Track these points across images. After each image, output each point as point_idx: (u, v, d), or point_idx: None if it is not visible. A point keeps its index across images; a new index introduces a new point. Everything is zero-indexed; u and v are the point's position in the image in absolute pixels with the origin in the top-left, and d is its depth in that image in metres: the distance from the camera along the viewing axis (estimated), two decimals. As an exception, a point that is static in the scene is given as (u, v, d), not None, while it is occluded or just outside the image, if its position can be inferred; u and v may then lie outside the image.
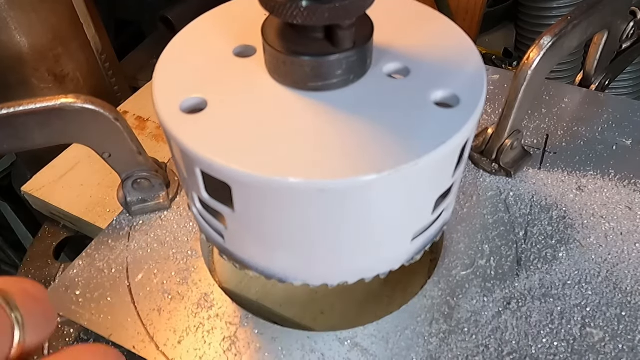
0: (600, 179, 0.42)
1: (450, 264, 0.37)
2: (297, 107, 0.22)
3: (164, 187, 0.41)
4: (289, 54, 0.21)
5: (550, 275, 0.36)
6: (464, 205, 0.40)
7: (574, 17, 0.38)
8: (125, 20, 0.96)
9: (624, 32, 0.46)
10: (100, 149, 0.36)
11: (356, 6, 0.20)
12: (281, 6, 0.20)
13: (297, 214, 0.21)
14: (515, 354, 0.32)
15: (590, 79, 0.50)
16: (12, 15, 0.55)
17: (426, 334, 0.33)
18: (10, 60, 0.58)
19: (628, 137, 0.45)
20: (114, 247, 0.39)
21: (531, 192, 0.41)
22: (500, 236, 0.38)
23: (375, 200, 0.21)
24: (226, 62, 0.24)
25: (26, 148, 0.34)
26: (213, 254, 0.41)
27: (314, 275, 0.26)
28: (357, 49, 0.22)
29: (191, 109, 0.22)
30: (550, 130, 0.46)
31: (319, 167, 0.20)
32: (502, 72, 0.53)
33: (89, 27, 0.64)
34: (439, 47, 0.25)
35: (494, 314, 0.34)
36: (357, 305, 0.39)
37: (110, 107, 0.34)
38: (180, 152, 0.22)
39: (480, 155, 0.43)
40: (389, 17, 0.26)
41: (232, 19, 0.26)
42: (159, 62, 0.24)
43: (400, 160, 0.20)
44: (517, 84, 0.37)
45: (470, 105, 0.22)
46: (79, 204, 0.45)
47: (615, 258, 0.37)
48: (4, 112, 0.32)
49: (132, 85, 0.79)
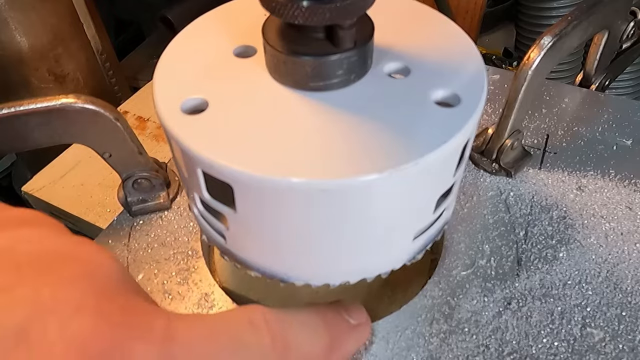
0: (601, 179, 0.42)
1: (451, 264, 0.37)
2: (297, 107, 0.22)
3: (164, 187, 0.41)
4: (290, 54, 0.21)
5: (550, 275, 0.36)
6: (464, 205, 0.40)
7: (574, 17, 0.38)
8: (125, 20, 0.96)
9: (624, 32, 0.46)
10: (101, 149, 0.36)
11: (357, 6, 0.20)
12: (282, 6, 0.20)
13: (298, 214, 0.21)
14: (515, 354, 0.32)
15: (590, 79, 0.50)
16: (12, 15, 0.55)
17: (426, 334, 0.33)
18: (10, 60, 0.58)
19: (628, 137, 0.45)
20: (114, 247, 0.39)
21: (531, 192, 0.41)
22: (501, 236, 0.38)
23: (376, 199, 0.21)
24: (226, 62, 0.24)
25: (26, 148, 0.34)
26: (213, 254, 0.41)
27: (316, 275, 0.26)
28: (358, 48, 0.22)
29: (192, 109, 0.22)
30: (551, 130, 0.46)
31: (320, 167, 0.20)
32: (502, 72, 0.53)
33: (89, 27, 0.64)
34: (439, 47, 0.25)
35: (495, 314, 0.34)
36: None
37: (111, 107, 0.34)
38: (181, 152, 0.22)
39: (480, 155, 0.43)
40: (389, 17, 0.26)
41: (232, 19, 0.26)
42: (159, 62, 0.24)
43: (402, 159, 0.20)
44: (517, 84, 0.38)
45: (471, 105, 0.22)
46: (79, 204, 0.45)
47: (615, 258, 0.37)
48: (4, 112, 0.32)
49: (132, 85, 0.79)
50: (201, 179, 0.22)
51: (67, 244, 0.19)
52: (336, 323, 0.24)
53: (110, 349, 0.16)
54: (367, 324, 0.25)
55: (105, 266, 0.19)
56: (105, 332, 0.16)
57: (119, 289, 0.18)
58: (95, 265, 0.18)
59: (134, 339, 0.17)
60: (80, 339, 0.16)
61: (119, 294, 0.18)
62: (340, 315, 0.25)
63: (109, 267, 0.19)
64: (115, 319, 0.17)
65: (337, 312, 0.24)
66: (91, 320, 0.16)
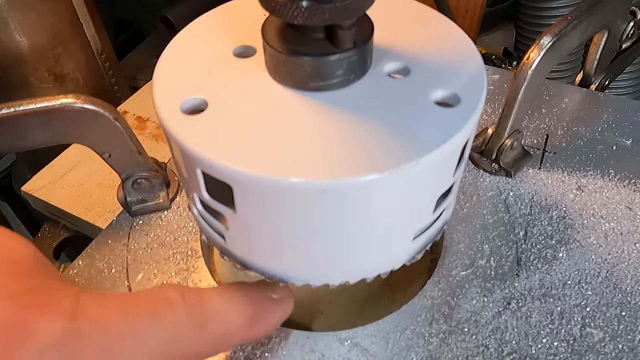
0: (601, 179, 0.42)
1: (451, 264, 0.37)
2: (297, 108, 0.22)
3: (164, 187, 0.41)
4: (290, 54, 0.21)
5: (550, 276, 0.36)
6: (464, 206, 0.40)
7: (574, 17, 0.38)
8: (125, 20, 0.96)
9: (624, 32, 0.46)
10: (100, 149, 0.36)
11: (357, 6, 0.20)
12: (282, 6, 0.20)
13: (298, 214, 0.21)
14: (515, 354, 0.32)
15: (590, 79, 0.50)
16: (12, 15, 0.55)
17: (426, 334, 0.33)
18: (10, 60, 0.58)
19: (628, 137, 0.45)
20: (114, 247, 0.39)
21: (531, 193, 0.41)
22: (501, 236, 0.38)
23: (376, 200, 0.21)
24: (226, 62, 0.24)
25: (26, 148, 0.34)
26: (213, 254, 0.41)
27: (316, 276, 0.26)
28: (358, 49, 0.22)
29: (192, 110, 0.22)
30: (551, 130, 0.46)
31: (320, 167, 0.20)
32: (502, 72, 0.53)
33: (89, 27, 0.64)
34: (439, 47, 0.25)
35: (494, 314, 0.34)
36: (358, 305, 0.39)
37: (110, 107, 0.34)
38: (181, 153, 0.22)
39: (480, 155, 0.43)
40: (389, 17, 0.26)
41: (232, 19, 0.26)
42: (159, 62, 0.24)
43: (402, 160, 0.20)
44: (517, 84, 0.37)
45: (471, 105, 0.22)
46: (79, 204, 0.45)
47: (615, 258, 0.37)
48: (4, 112, 0.32)
49: (132, 85, 0.79)
50: (201, 180, 0.22)
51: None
52: (259, 298, 0.25)
53: (13, 325, 0.16)
54: (289, 298, 0.27)
55: (17, 251, 0.19)
56: (8, 309, 0.17)
57: (30, 272, 0.19)
58: (5, 250, 0.19)
59: (39, 315, 0.17)
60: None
61: (29, 276, 0.19)
62: (263, 291, 0.26)
63: (21, 251, 0.19)
64: (21, 298, 0.17)
65: (259, 289, 0.26)
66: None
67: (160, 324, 0.20)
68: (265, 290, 0.26)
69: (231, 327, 0.23)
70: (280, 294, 0.26)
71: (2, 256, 0.19)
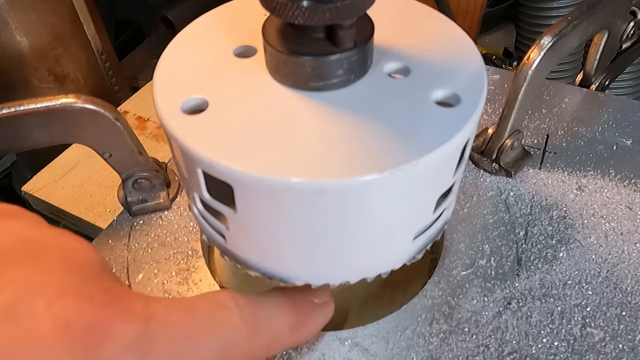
0: (601, 179, 0.42)
1: (451, 264, 0.37)
2: (297, 107, 0.22)
3: (164, 187, 0.41)
4: (290, 54, 0.21)
5: (550, 275, 0.36)
6: (464, 205, 0.40)
7: (574, 17, 0.38)
8: (125, 20, 0.96)
9: (624, 32, 0.46)
10: (101, 149, 0.36)
11: (357, 6, 0.20)
12: (282, 6, 0.20)
13: (299, 214, 0.21)
14: (515, 354, 0.32)
15: (590, 79, 0.50)
16: (12, 15, 0.55)
17: (426, 334, 0.33)
18: (10, 60, 0.58)
19: (628, 137, 0.45)
20: (114, 247, 0.39)
21: (531, 192, 0.41)
22: (501, 236, 0.38)
23: (376, 199, 0.21)
24: (227, 62, 0.24)
25: (26, 148, 0.34)
26: (213, 254, 0.41)
27: (316, 275, 0.26)
28: (358, 48, 0.22)
29: (192, 109, 0.22)
30: (551, 130, 0.46)
31: (320, 167, 0.20)
32: (502, 72, 0.53)
33: (89, 27, 0.64)
34: (439, 47, 0.25)
35: (494, 313, 0.34)
36: (358, 305, 0.39)
37: (111, 107, 0.34)
38: (182, 152, 0.22)
39: (480, 155, 0.43)
40: (389, 17, 0.26)
41: (232, 19, 0.26)
42: (159, 62, 0.24)
43: (402, 159, 0.20)
44: (517, 84, 0.38)
45: (471, 104, 0.22)
46: (79, 203, 0.45)
47: (615, 258, 0.37)
48: (5, 112, 0.32)
49: (132, 85, 0.79)
50: (201, 179, 0.22)
51: (47, 234, 0.20)
52: (302, 302, 0.26)
53: (93, 327, 0.17)
54: (330, 302, 0.27)
55: (85, 253, 0.20)
56: (88, 311, 0.17)
57: (99, 274, 0.19)
58: (75, 253, 0.19)
59: (115, 318, 0.18)
60: (65, 317, 0.17)
61: (100, 278, 0.19)
62: (306, 295, 0.26)
63: (88, 254, 0.20)
64: (97, 299, 0.18)
65: (301, 293, 0.26)
66: (75, 301, 0.17)
67: (220, 328, 0.21)
68: (308, 294, 0.26)
69: (279, 332, 0.24)
70: (322, 298, 0.27)
71: (73, 258, 0.19)
